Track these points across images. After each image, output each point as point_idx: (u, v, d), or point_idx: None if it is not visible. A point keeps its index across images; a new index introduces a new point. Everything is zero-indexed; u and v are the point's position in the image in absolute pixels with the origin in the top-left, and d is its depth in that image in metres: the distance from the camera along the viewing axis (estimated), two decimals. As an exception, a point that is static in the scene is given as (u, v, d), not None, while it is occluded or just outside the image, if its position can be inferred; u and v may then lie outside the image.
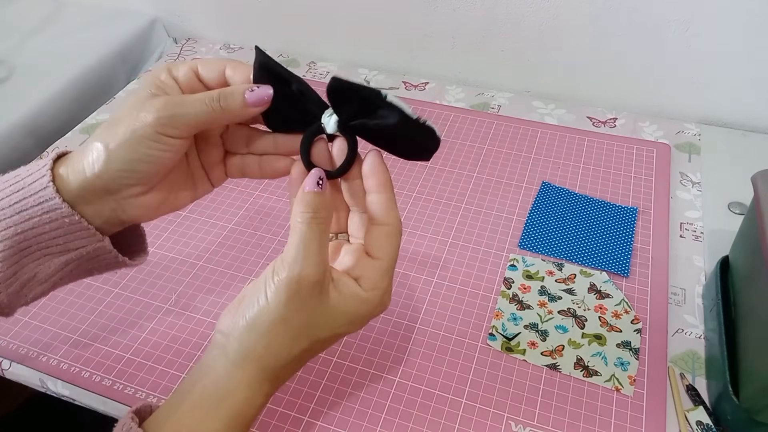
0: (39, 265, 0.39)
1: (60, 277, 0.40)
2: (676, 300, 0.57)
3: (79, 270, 0.41)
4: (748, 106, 0.77)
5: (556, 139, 0.76)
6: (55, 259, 0.39)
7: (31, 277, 0.39)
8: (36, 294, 0.40)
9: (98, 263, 0.41)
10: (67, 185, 0.37)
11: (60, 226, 0.37)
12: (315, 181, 0.35)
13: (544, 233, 0.63)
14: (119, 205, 0.38)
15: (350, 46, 0.93)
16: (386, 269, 0.37)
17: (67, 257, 0.39)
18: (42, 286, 0.40)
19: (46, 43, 0.94)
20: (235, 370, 0.34)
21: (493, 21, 0.81)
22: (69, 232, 0.38)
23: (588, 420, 0.48)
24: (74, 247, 0.39)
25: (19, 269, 0.38)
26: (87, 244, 0.39)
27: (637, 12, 0.73)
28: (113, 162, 0.36)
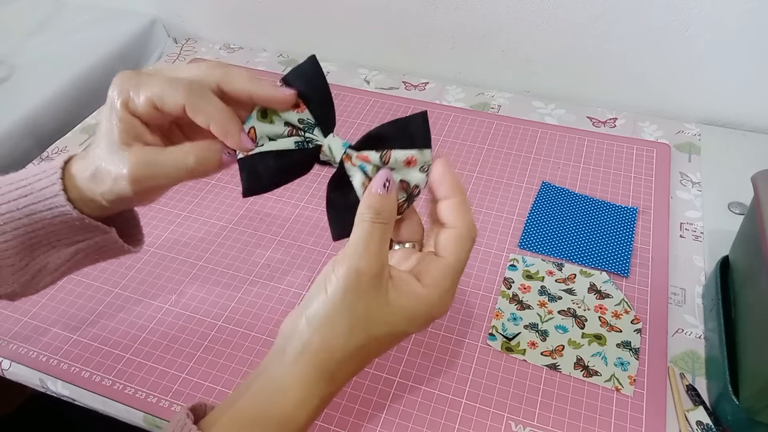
0: (49, 256, 0.40)
1: (69, 266, 0.42)
2: (676, 300, 0.57)
3: (86, 259, 0.42)
4: (748, 106, 0.77)
5: (556, 139, 0.76)
6: (64, 249, 0.40)
7: (42, 267, 0.41)
8: (46, 282, 0.42)
9: (104, 252, 0.42)
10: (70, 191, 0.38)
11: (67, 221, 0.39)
12: (382, 183, 0.35)
13: (544, 233, 0.63)
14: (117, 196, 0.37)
15: (350, 46, 0.93)
16: (451, 268, 0.35)
17: (76, 247, 0.41)
18: (52, 275, 0.41)
19: (46, 43, 0.94)
20: (290, 368, 0.33)
21: (493, 21, 0.81)
22: (77, 228, 0.39)
23: (588, 420, 0.48)
24: (82, 238, 0.40)
25: (30, 261, 0.40)
26: (95, 236, 0.40)
27: (637, 12, 0.73)
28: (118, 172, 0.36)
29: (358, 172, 0.36)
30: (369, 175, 0.36)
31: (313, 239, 0.64)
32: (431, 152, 0.36)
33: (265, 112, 0.37)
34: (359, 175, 0.36)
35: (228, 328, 0.56)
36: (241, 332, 0.55)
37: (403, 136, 0.36)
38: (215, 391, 0.51)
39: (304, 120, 0.37)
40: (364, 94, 0.85)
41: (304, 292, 0.59)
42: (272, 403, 0.32)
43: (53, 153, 0.77)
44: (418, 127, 0.36)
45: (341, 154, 0.36)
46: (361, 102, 0.83)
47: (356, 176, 0.36)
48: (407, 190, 0.36)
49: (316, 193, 0.69)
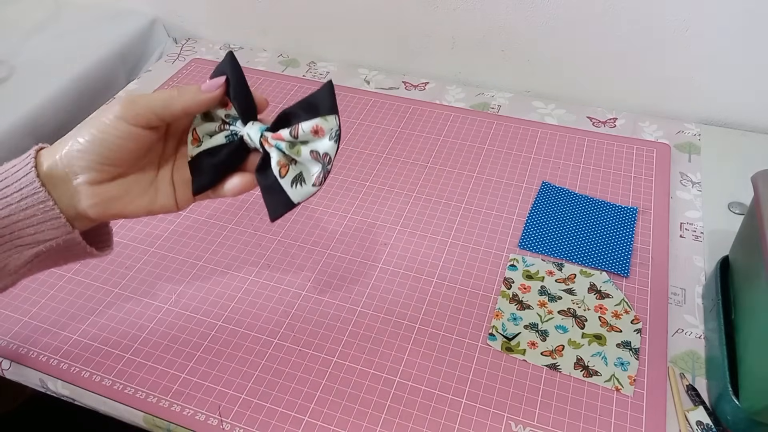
0: (9, 257, 0.40)
1: (29, 268, 0.41)
2: (676, 300, 0.57)
3: (47, 261, 0.42)
4: (748, 106, 0.77)
5: (556, 139, 0.76)
6: (26, 251, 0.40)
7: (1, 267, 0.40)
8: (5, 284, 0.41)
9: (66, 254, 0.42)
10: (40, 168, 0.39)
11: (34, 214, 0.39)
12: None
13: (544, 233, 0.63)
14: (76, 192, 0.39)
15: (350, 46, 0.93)
16: None
17: (37, 249, 0.40)
18: (11, 276, 0.41)
19: (46, 43, 0.94)
20: None
21: (493, 21, 0.81)
22: (41, 221, 0.39)
23: (588, 420, 0.48)
24: (45, 238, 0.40)
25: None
26: (58, 236, 0.40)
27: (637, 12, 0.73)
28: (75, 144, 0.39)
29: (275, 151, 0.39)
30: (285, 153, 0.39)
31: (313, 239, 0.64)
32: (336, 118, 0.38)
33: (205, 114, 0.41)
34: (275, 154, 0.39)
35: (228, 328, 0.56)
36: (241, 332, 0.55)
37: (310, 109, 0.39)
38: (215, 391, 0.51)
39: (230, 115, 0.41)
40: (364, 94, 0.85)
41: (304, 292, 0.59)
42: None
43: (53, 153, 0.77)
44: (323, 97, 0.39)
45: (258, 137, 0.40)
46: (361, 102, 0.83)
47: (273, 155, 0.39)
48: (319, 159, 0.38)
49: (312, 198, 0.69)
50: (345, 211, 0.67)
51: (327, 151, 0.38)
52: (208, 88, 0.40)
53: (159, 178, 0.43)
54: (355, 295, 0.58)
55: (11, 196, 0.38)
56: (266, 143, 0.40)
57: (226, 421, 0.49)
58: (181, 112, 0.40)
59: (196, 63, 0.94)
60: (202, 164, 0.42)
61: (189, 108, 0.40)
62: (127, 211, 0.41)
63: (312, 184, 0.39)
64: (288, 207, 0.40)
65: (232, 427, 0.49)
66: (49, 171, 0.39)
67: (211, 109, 0.41)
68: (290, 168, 0.40)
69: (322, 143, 0.38)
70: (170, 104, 0.39)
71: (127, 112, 0.38)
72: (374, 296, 0.58)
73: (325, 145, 0.38)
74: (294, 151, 0.39)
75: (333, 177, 0.71)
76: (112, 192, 0.40)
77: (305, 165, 0.39)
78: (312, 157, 0.39)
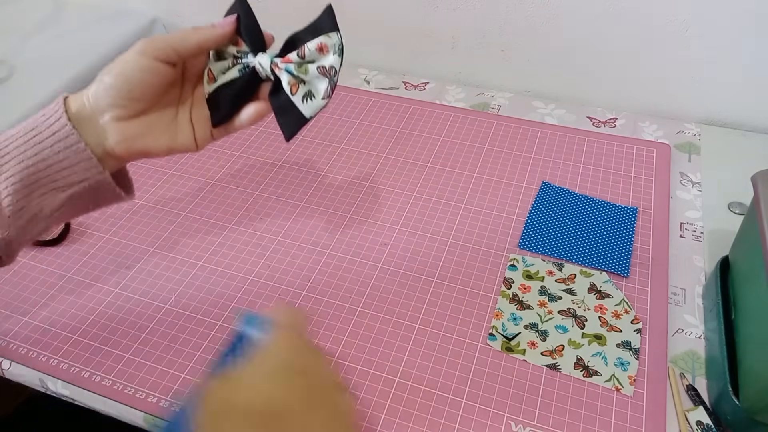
0: (44, 200, 0.42)
1: (63, 212, 0.43)
2: (676, 300, 0.57)
3: (80, 204, 0.44)
4: (748, 106, 0.77)
5: (556, 139, 0.76)
6: (59, 193, 0.42)
7: (38, 211, 0.42)
8: (40, 229, 0.43)
9: (97, 197, 0.44)
10: (69, 112, 0.42)
11: (66, 156, 0.41)
12: None
13: (544, 233, 0.63)
14: (102, 130, 0.42)
15: (350, 46, 0.92)
16: None
17: (71, 191, 0.42)
18: (46, 220, 0.43)
19: (46, 43, 0.94)
20: None
21: (493, 21, 0.81)
22: (74, 163, 0.41)
23: (588, 420, 0.48)
24: (77, 179, 0.42)
25: (27, 204, 0.41)
26: (89, 177, 0.42)
27: (637, 12, 0.73)
28: (100, 84, 0.42)
29: (284, 73, 0.43)
30: (294, 74, 0.42)
31: (313, 239, 0.64)
32: (338, 35, 0.43)
33: (218, 54, 0.45)
34: (285, 75, 0.43)
35: (228, 329, 0.56)
36: (241, 332, 0.55)
37: (313, 31, 0.43)
38: (215, 391, 0.51)
39: (241, 51, 0.44)
40: (364, 94, 0.85)
41: (304, 292, 0.59)
42: None
43: (53, 153, 0.77)
44: (324, 19, 0.43)
45: (269, 64, 0.43)
46: (361, 102, 0.83)
47: (284, 77, 0.43)
48: (326, 74, 0.42)
49: (312, 198, 0.69)
50: (345, 210, 0.67)
51: (332, 64, 0.42)
52: (221, 25, 0.44)
53: (179, 118, 0.46)
54: (355, 295, 0.58)
55: (45, 141, 0.41)
56: (276, 68, 0.43)
57: (226, 421, 0.49)
58: (196, 47, 0.43)
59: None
60: (219, 99, 0.45)
61: (203, 42, 0.43)
62: (150, 148, 0.44)
63: (321, 97, 0.43)
64: (301, 122, 0.43)
65: (232, 427, 0.49)
66: (77, 113, 0.42)
67: (224, 46, 0.44)
68: (300, 86, 0.43)
69: (327, 59, 0.42)
70: (186, 39, 0.43)
71: (147, 47, 0.42)
72: (374, 296, 0.58)
73: (330, 60, 0.42)
74: (302, 70, 0.42)
75: (333, 177, 0.71)
76: (136, 129, 0.43)
77: (313, 81, 0.43)
78: (319, 72, 0.42)
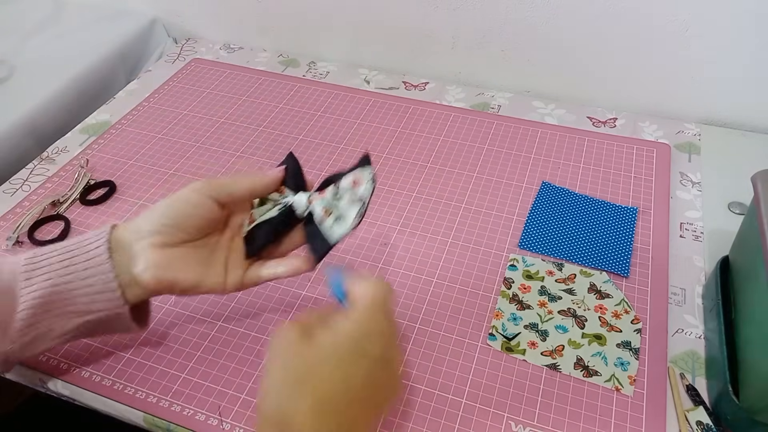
0: (57, 322, 0.42)
1: (71, 336, 0.44)
2: (676, 300, 0.57)
3: (89, 332, 0.44)
4: (748, 106, 0.77)
5: (556, 139, 0.76)
6: (75, 318, 0.42)
7: (47, 331, 0.42)
8: (44, 348, 0.44)
9: (107, 327, 0.45)
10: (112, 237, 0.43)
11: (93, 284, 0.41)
12: None
13: (544, 233, 0.63)
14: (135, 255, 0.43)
15: (350, 46, 0.93)
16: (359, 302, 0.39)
17: (85, 318, 0.42)
18: (52, 341, 0.43)
19: (46, 43, 0.94)
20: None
21: (493, 21, 0.81)
22: (98, 291, 0.42)
23: (588, 420, 0.48)
24: (96, 309, 0.42)
25: (39, 321, 0.41)
26: (109, 308, 0.42)
27: (637, 12, 0.73)
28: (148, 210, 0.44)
29: (318, 205, 0.46)
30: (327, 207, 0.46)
31: (313, 239, 0.64)
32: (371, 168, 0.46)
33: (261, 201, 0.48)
34: (319, 207, 0.46)
35: (228, 328, 0.56)
36: (241, 332, 0.55)
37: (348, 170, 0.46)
38: (215, 391, 0.51)
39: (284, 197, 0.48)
40: (364, 94, 0.85)
41: (304, 292, 0.59)
42: None
43: (53, 153, 0.77)
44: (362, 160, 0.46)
45: (306, 199, 0.46)
46: (361, 102, 0.83)
47: (317, 209, 0.46)
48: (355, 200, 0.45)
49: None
50: (345, 211, 0.67)
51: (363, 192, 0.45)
52: (271, 173, 0.47)
53: (213, 259, 0.46)
54: (355, 295, 0.58)
55: (79, 264, 0.41)
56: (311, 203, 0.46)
57: (226, 421, 0.49)
58: (247, 189, 0.46)
59: (196, 63, 0.94)
60: (255, 234, 0.47)
61: (253, 186, 0.46)
62: (179, 280, 0.44)
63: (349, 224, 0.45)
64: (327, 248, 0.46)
65: (232, 427, 0.49)
66: (118, 239, 0.43)
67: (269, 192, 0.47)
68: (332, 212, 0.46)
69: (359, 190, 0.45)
70: (238, 182, 0.45)
71: (201, 185, 0.44)
72: (374, 296, 0.58)
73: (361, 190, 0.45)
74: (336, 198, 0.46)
75: (333, 177, 0.71)
76: (169, 258, 0.43)
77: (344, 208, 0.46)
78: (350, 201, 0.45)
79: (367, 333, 0.37)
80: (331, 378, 0.35)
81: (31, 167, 0.75)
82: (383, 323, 0.38)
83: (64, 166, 0.74)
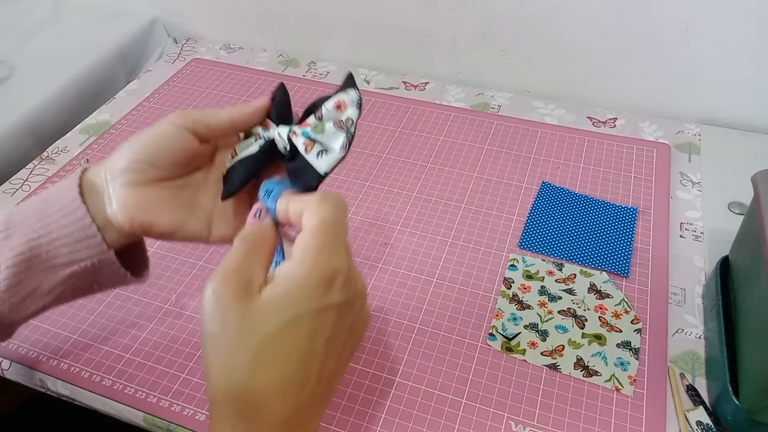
0: (44, 277, 0.40)
1: (62, 290, 0.41)
2: (676, 300, 0.57)
3: (81, 284, 0.42)
4: (748, 106, 0.77)
5: (556, 139, 0.76)
6: (60, 271, 0.40)
7: (35, 288, 0.40)
8: (36, 308, 0.41)
9: (100, 277, 0.42)
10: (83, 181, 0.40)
11: (72, 232, 0.39)
12: (253, 213, 0.37)
13: (544, 233, 0.63)
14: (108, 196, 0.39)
15: (350, 46, 0.93)
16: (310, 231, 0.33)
17: (72, 269, 0.40)
18: (43, 299, 0.41)
19: (46, 43, 0.94)
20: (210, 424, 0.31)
21: (493, 21, 0.81)
22: (79, 239, 0.39)
23: (588, 420, 0.48)
24: (79, 258, 0.40)
25: (25, 279, 0.39)
26: (92, 255, 0.40)
27: (637, 12, 0.73)
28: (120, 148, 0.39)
29: (300, 137, 0.41)
30: (311, 137, 0.41)
31: (313, 239, 0.64)
32: (357, 91, 0.40)
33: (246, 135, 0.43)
34: (302, 139, 0.41)
35: (228, 328, 0.56)
36: (241, 332, 0.55)
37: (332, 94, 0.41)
38: (215, 391, 0.51)
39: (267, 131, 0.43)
40: (364, 94, 0.85)
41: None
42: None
43: (53, 153, 0.77)
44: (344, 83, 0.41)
45: (287, 133, 0.41)
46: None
47: (299, 142, 0.41)
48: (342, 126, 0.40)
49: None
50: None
51: (349, 116, 0.40)
52: (254, 103, 0.42)
53: (196, 201, 0.42)
54: (355, 295, 0.58)
55: (54, 214, 0.39)
56: (294, 136, 0.41)
57: (226, 421, 0.49)
58: (227, 120, 0.41)
59: (196, 63, 0.94)
60: (233, 172, 0.42)
61: (234, 117, 0.41)
62: (154, 223, 0.40)
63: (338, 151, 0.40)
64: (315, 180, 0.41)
65: (232, 427, 0.49)
66: (90, 182, 0.40)
67: (253, 125, 0.43)
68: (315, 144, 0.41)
69: (345, 113, 0.40)
70: (217, 113, 0.41)
71: (177, 117, 0.40)
72: (374, 296, 0.58)
73: (347, 113, 0.40)
74: (318, 129, 0.40)
75: (333, 176, 0.71)
76: (144, 198, 0.39)
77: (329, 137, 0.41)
78: (336, 127, 0.40)
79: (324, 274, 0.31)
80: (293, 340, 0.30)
81: (31, 167, 0.75)
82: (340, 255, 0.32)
83: (64, 166, 0.74)
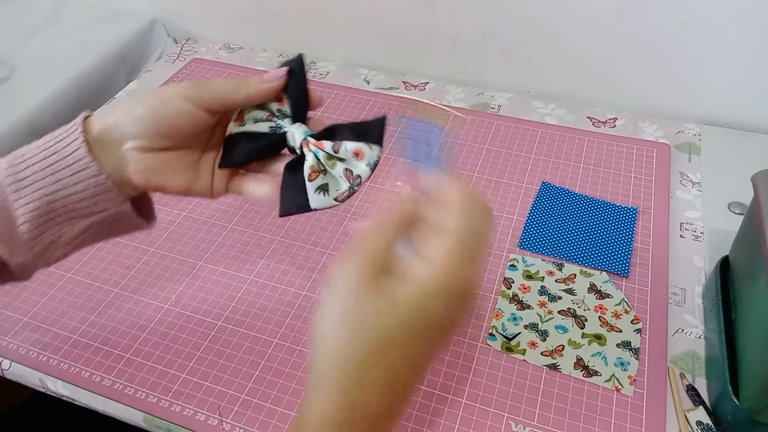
0: (63, 228, 0.41)
1: (81, 240, 0.42)
2: (676, 300, 0.57)
3: (100, 233, 0.43)
4: (748, 106, 0.77)
5: (556, 139, 0.76)
6: (79, 222, 0.41)
7: (55, 239, 0.41)
8: (58, 256, 0.42)
9: (117, 226, 0.43)
10: (90, 135, 0.40)
11: (86, 187, 0.39)
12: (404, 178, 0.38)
13: (544, 233, 0.63)
14: (123, 157, 0.40)
15: (350, 46, 0.93)
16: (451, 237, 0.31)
17: (90, 220, 0.41)
18: (64, 248, 0.42)
19: (46, 43, 0.94)
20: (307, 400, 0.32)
21: (493, 21, 0.81)
22: (95, 194, 0.40)
23: (588, 420, 0.48)
24: (98, 209, 0.41)
25: (44, 231, 0.40)
26: (110, 207, 0.41)
27: (637, 12, 0.73)
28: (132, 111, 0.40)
29: (311, 156, 0.40)
30: (321, 162, 0.40)
31: (313, 239, 0.64)
32: (379, 150, 0.40)
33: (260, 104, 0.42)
34: (312, 158, 0.40)
35: (228, 328, 0.56)
36: (241, 332, 0.55)
37: (358, 132, 0.40)
38: (215, 391, 0.51)
39: (281, 110, 0.42)
40: (364, 94, 0.85)
41: (304, 292, 0.59)
42: None
43: (53, 153, 0.77)
44: (375, 127, 0.41)
45: (301, 139, 0.41)
46: (361, 102, 0.83)
47: (309, 159, 0.40)
48: (349, 179, 0.40)
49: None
50: (345, 210, 0.67)
51: (360, 174, 0.40)
52: (270, 78, 0.41)
53: (202, 162, 0.43)
54: (355, 295, 0.58)
55: (64, 170, 0.39)
56: (306, 147, 0.41)
57: (226, 421, 0.49)
58: (244, 100, 0.41)
59: (196, 63, 0.94)
60: (237, 143, 0.42)
61: (251, 97, 0.41)
62: (167, 185, 0.42)
63: (334, 198, 0.41)
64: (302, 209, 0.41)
65: (232, 427, 0.49)
66: (99, 136, 0.40)
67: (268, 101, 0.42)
68: (320, 176, 0.41)
69: (359, 166, 0.40)
70: (235, 92, 0.41)
71: (192, 94, 0.40)
72: (374, 296, 0.58)
73: (360, 169, 0.40)
74: (330, 163, 0.40)
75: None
76: (157, 163, 0.41)
77: (335, 178, 0.41)
78: (344, 175, 0.40)
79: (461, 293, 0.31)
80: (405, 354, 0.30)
81: (31, 167, 0.75)
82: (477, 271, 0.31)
83: (64, 166, 0.74)
